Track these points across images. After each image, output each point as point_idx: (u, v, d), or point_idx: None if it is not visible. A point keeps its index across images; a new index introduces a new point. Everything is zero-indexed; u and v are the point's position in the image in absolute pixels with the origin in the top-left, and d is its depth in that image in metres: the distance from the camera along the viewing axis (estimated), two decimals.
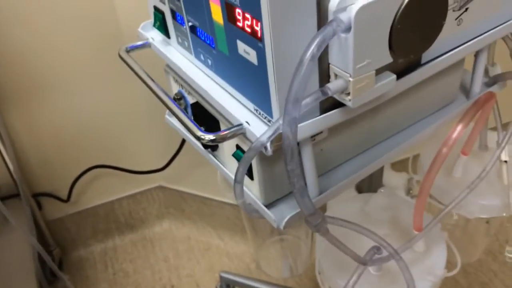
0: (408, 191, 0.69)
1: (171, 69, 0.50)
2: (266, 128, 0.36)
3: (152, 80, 0.45)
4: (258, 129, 0.38)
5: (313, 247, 0.83)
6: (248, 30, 0.35)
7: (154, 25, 0.49)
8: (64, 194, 1.02)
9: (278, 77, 0.35)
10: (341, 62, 0.35)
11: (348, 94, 0.36)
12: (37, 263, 0.84)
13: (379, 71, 0.36)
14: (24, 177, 0.95)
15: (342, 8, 0.33)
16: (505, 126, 0.57)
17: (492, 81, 0.55)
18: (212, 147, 0.47)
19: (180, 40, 0.47)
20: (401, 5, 0.34)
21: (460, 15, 0.42)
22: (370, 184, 0.67)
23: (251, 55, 0.36)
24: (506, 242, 0.67)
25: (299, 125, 0.34)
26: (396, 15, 0.34)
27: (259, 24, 0.33)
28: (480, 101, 0.49)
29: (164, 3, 0.46)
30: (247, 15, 0.34)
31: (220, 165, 0.48)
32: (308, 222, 0.37)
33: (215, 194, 1.11)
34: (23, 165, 0.95)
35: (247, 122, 0.39)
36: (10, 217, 0.71)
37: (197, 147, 0.51)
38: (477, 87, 0.52)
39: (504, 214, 0.65)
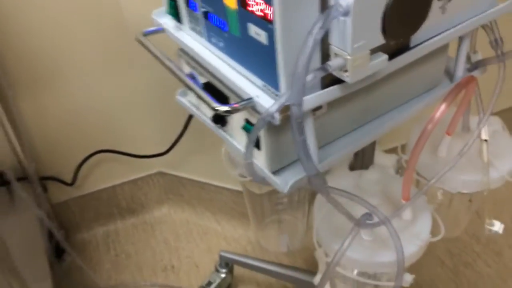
0: (397, 171, 0.75)
1: (183, 52, 0.54)
2: (273, 102, 0.41)
3: (170, 60, 0.50)
4: (266, 102, 0.43)
5: (309, 227, 0.89)
6: (260, 14, 0.40)
7: (167, 12, 0.54)
8: (68, 178, 1.06)
9: (285, 55, 0.40)
10: (340, 42, 0.40)
11: (346, 71, 0.41)
12: (47, 242, 0.88)
13: (373, 52, 0.42)
14: (29, 162, 0.99)
15: None
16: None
17: (474, 66, 0.60)
18: (221, 122, 0.52)
19: (192, 25, 0.52)
20: None
21: (444, 4, 0.47)
22: (362, 164, 0.73)
23: (262, 36, 0.41)
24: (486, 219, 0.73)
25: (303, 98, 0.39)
26: (388, 2, 0.40)
27: (270, 8, 0.38)
28: (462, 82, 0.55)
29: None
30: (259, 0, 0.39)
31: (229, 138, 0.53)
32: (311, 183, 0.42)
33: (213, 179, 1.15)
34: (30, 149, 0.99)
35: (257, 96, 0.44)
36: (26, 197, 0.76)
37: (207, 123, 0.56)
38: (460, 72, 0.58)
39: (485, 193, 0.71)
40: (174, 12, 0.53)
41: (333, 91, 0.44)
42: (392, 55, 0.45)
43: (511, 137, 0.72)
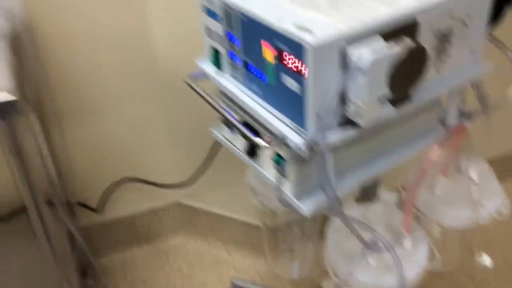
0: (399, 206, 0.84)
1: (222, 94, 0.65)
2: (300, 138, 0.52)
3: (214, 100, 0.60)
4: (295, 138, 0.53)
5: (317, 257, 0.97)
6: (294, 69, 0.51)
7: (211, 61, 0.65)
8: (93, 204, 1.14)
9: (313, 102, 0.50)
10: (357, 93, 0.51)
11: (360, 116, 0.52)
12: (77, 261, 0.96)
13: (381, 102, 0.52)
14: (63, 187, 1.08)
15: (359, 59, 0.49)
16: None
17: (464, 117, 0.71)
18: (253, 154, 0.62)
19: (232, 72, 0.63)
20: (398, 60, 0.51)
21: (438, 65, 0.59)
22: (367, 197, 0.82)
23: (295, 86, 0.52)
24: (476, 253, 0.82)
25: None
26: (394, 65, 0.51)
27: (303, 65, 0.49)
28: (453, 130, 0.66)
29: (221, 45, 0.62)
30: (295, 59, 0.50)
31: (259, 168, 0.63)
32: (331, 206, 0.52)
33: (226, 211, 1.24)
34: (65, 175, 1.08)
35: (287, 133, 0.54)
36: (67, 220, 0.84)
37: (239, 154, 0.66)
38: (452, 120, 0.69)
39: (474, 229, 0.80)
40: (216, 61, 0.64)
41: (349, 132, 0.54)
42: (396, 106, 0.56)
43: (497, 180, 0.82)
